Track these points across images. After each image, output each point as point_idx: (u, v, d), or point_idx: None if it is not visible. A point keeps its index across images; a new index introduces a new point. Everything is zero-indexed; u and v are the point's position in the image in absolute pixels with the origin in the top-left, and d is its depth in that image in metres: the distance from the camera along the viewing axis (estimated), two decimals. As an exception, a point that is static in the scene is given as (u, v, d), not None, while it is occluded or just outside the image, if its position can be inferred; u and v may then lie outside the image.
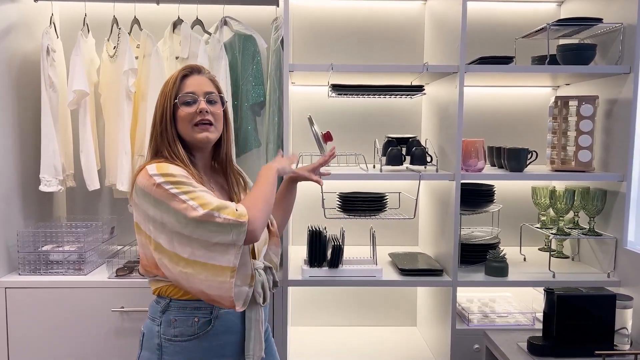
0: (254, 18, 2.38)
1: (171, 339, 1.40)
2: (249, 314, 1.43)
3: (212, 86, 1.46)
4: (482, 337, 2.01)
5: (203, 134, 1.41)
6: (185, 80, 1.43)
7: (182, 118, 1.40)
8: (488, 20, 2.54)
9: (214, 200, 1.30)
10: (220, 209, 1.28)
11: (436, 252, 2.31)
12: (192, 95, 1.41)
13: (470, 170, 2.13)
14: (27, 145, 2.21)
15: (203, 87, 1.43)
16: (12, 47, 2.11)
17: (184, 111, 1.40)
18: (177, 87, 1.41)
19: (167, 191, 1.29)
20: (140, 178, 1.34)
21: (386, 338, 2.51)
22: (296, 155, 1.78)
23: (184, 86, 1.42)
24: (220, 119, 1.46)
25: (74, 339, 2.04)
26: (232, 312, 1.41)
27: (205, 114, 1.40)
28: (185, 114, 1.40)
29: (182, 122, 1.40)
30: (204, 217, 1.27)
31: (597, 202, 2.14)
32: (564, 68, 2.07)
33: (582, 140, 2.12)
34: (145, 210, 1.33)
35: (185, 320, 1.39)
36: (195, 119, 1.40)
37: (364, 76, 2.21)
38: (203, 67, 1.49)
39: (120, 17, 2.24)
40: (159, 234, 1.32)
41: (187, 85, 1.42)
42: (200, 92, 1.42)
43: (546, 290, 1.80)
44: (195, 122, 1.40)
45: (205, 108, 1.40)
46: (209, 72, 1.49)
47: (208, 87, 1.44)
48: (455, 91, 2.03)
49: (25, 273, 2.08)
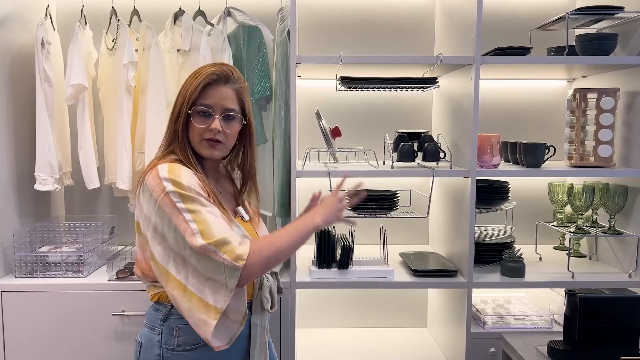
0: (258, 8, 2.29)
1: (174, 349, 1.32)
2: (255, 320, 1.37)
3: (234, 102, 1.34)
4: (498, 340, 1.92)
5: (208, 151, 1.33)
6: (207, 89, 1.31)
7: (194, 129, 1.31)
8: (501, 10, 2.46)
9: (217, 229, 1.21)
10: (219, 245, 1.20)
11: (449, 252, 2.23)
12: (208, 109, 1.31)
13: (486, 166, 2.04)
14: (22, 142, 2.13)
15: (223, 102, 1.32)
16: (6, 39, 2.03)
17: (196, 122, 1.31)
18: (197, 95, 1.30)
19: (174, 204, 1.22)
20: (150, 178, 1.26)
21: (396, 340, 2.43)
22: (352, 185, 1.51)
23: (203, 96, 1.30)
24: (233, 137, 1.36)
25: (72, 344, 1.96)
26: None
27: (217, 133, 1.31)
28: (196, 127, 1.31)
29: (193, 131, 1.32)
30: (201, 250, 1.19)
31: (618, 199, 2.05)
32: (585, 59, 1.98)
33: (602, 135, 2.04)
34: (148, 214, 1.25)
35: (189, 327, 1.26)
36: (205, 135, 1.31)
37: (372, 69, 2.13)
38: (233, 75, 1.34)
39: (119, 8, 2.17)
40: (156, 245, 1.24)
41: (208, 96, 1.31)
42: (219, 107, 1.31)
43: (567, 292, 1.72)
44: (205, 138, 1.31)
45: (218, 128, 1.30)
46: (239, 81, 1.36)
47: (229, 102, 1.33)
48: (470, 83, 1.95)
49: (22, 275, 2.01)
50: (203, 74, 1.30)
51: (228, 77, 1.33)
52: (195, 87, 1.29)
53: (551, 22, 2.12)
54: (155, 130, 2.07)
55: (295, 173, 1.97)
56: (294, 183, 1.98)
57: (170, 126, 1.35)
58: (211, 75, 1.30)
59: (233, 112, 1.33)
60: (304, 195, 1.69)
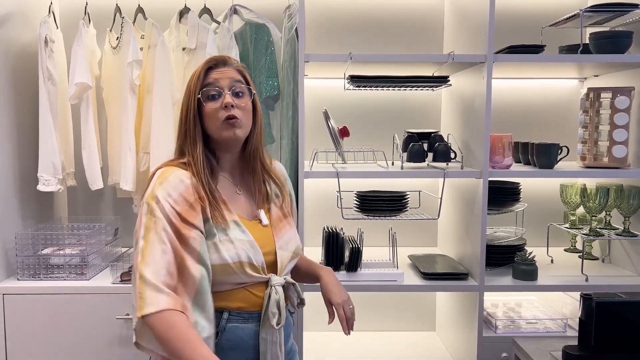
0: (265, 6, 2.26)
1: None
2: (264, 335, 1.29)
3: (239, 77, 1.33)
4: (510, 344, 1.88)
5: (230, 132, 1.28)
6: (209, 73, 1.31)
7: (208, 114, 1.29)
8: (512, 8, 2.41)
9: (150, 272, 1.14)
10: (142, 279, 1.14)
11: (459, 254, 2.19)
12: (215, 87, 1.29)
13: (497, 167, 2.00)
14: (25, 142, 2.10)
15: (228, 77, 1.30)
16: (9, 37, 2.00)
17: (208, 106, 1.28)
18: (202, 81, 1.29)
19: (141, 215, 1.21)
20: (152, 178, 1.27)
21: (404, 343, 2.38)
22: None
23: (207, 79, 1.30)
24: (248, 112, 1.32)
25: (75, 348, 1.93)
26: (240, 327, 1.28)
27: (231, 108, 1.27)
28: (210, 110, 1.28)
29: (208, 118, 1.29)
30: (134, 267, 1.18)
31: (633, 201, 2.01)
32: (599, 57, 1.93)
33: (616, 135, 1.99)
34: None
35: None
36: (220, 114, 1.27)
37: (380, 67, 2.09)
38: (230, 58, 1.36)
39: (123, 6, 2.13)
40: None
41: (211, 77, 1.30)
42: (225, 84, 1.29)
43: (583, 296, 1.67)
44: (221, 118, 1.28)
45: (231, 102, 1.27)
46: (236, 62, 1.37)
47: (234, 77, 1.32)
48: (482, 82, 1.91)
49: (24, 278, 1.97)
50: (202, 64, 1.33)
51: (225, 61, 1.34)
52: (197, 75, 1.30)
53: (564, 19, 2.08)
54: (160, 130, 2.03)
55: (303, 174, 1.93)
56: (301, 184, 1.94)
57: (181, 127, 1.32)
58: (209, 61, 1.33)
59: (240, 86, 1.32)
60: (312, 196, 1.66)
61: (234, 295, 1.28)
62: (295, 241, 1.40)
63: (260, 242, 1.30)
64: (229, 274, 1.25)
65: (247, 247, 1.27)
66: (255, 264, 1.27)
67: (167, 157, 1.38)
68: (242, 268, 1.25)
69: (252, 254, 1.27)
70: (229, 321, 1.27)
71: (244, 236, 1.28)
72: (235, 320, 1.28)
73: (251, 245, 1.27)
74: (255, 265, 1.27)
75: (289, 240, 1.39)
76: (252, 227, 1.32)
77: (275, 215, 1.39)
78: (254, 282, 1.29)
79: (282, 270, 1.34)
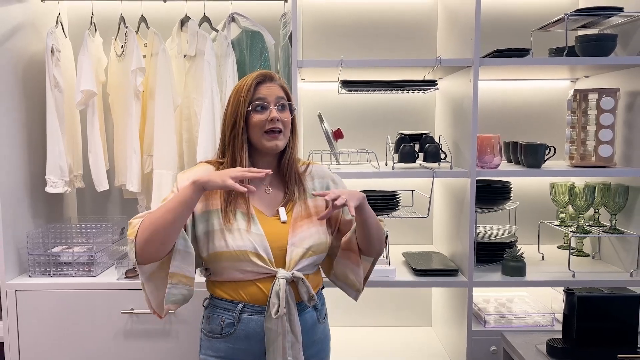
0: (263, 14, 2.33)
1: (207, 334, 1.48)
2: (268, 324, 1.40)
3: (282, 93, 1.49)
4: (499, 338, 1.95)
5: (272, 142, 1.45)
6: (258, 87, 1.46)
7: (254, 125, 1.44)
8: (502, 12, 2.47)
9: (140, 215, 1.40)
10: (131, 222, 1.41)
11: (451, 252, 2.26)
12: (263, 102, 1.45)
13: (486, 167, 2.06)
14: (35, 146, 2.20)
15: (275, 94, 1.47)
16: (19, 47, 2.10)
17: (255, 118, 1.44)
18: (252, 94, 1.44)
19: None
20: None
21: (401, 338, 2.45)
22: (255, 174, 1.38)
23: (257, 93, 1.45)
24: (288, 125, 1.49)
25: (83, 341, 2.03)
26: (253, 319, 1.41)
27: (276, 122, 1.44)
28: (257, 121, 1.44)
29: (254, 128, 1.45)
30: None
31: (619, 199, 2.06)
32: (583, 60, 1.99)
33: (602, 135, 2.05)
34: None
35: (216, 318, 1.45)
36: (265, 126, 1.44)
37: (375, 72, 2.16)
38: (275, 74, 1.51)
39: (127, 16, 2.21)
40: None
41: (260, 92, 1.46)
42: (272, 99, 1.46)
43: (566, 291, 1.73)
44: (266, 130, 1.44)
45: (277, 116, 1.43)
46: (280, 79, 1.52)
47: (280, 93, 1.48)
48: (469, 85, 1.97)
49: (35, 275, 2.07)
50: (251, 77, 1.47)
51: (272, 77, 1.50)
52: (247, 88, 1.44)
53: (551, 23, 2.13)
54: (163, 133, 2.12)
55: (298, 174, 2.00)
56: (296, 184, 2.01)
57: (225, 135, 1.48)
58: (259, 76, 1.48)
59: (284, 101, 1.48)
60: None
61: (245, 289, 1.42)
62: (314, 238, 1.46)
63: (272, 236, 1.42)
64: (235, 260, 1.39)
65: (255, 238, 1.39)
66: (261, 254, 1.39)
67: (168, 159, 1.54)
68: (247, 256, 1.38)
69: (258, 245, 1.39)
70: (242, 312, 1.42)
71: (255, 229, 1.41)
72: (249, 312, 1.42)
73: (260, 238, 1.40)
74: (261, 256, 1.39)
75: (306, 237, 1.45)
76: (268, 222, 1.45)
77: (297, 213, 1.48)
78: (262, 274, 1.41)
79: (290, 265, 1.42)
